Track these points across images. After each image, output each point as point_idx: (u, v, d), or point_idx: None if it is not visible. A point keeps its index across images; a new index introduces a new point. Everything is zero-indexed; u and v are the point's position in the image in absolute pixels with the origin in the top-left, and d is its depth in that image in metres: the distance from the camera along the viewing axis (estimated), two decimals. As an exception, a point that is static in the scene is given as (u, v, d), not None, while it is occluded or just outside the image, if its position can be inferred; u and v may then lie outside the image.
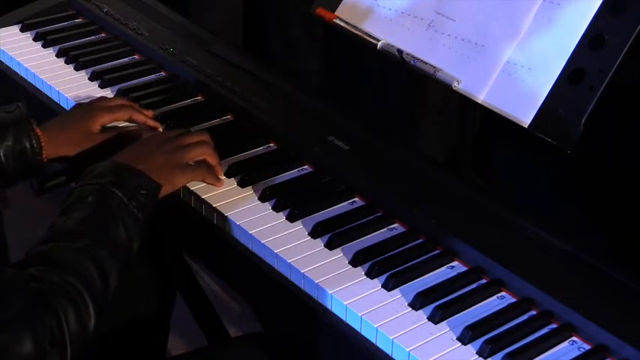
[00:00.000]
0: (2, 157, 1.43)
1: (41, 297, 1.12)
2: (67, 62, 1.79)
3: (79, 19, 1.94)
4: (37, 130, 1.46)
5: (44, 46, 1.83)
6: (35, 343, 1.08)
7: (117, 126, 1.57)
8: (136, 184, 1.30)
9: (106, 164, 1.33)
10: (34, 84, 1.75)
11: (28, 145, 1.44)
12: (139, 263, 1.58)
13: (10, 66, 1.80)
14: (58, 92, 1.69)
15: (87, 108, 1.56)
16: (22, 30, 1.88)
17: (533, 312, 1.22)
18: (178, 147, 1.42)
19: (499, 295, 1.25)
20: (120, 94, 1.69)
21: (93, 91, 1.70)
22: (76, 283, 1.16)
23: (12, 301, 1.10)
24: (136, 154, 1.37)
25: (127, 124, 1.57)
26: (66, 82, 1.72)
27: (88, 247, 1.21)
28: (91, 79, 1.74)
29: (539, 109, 1.37)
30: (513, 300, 1.24)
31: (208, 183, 1.44)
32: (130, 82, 1.73)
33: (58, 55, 1.81)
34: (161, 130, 1.58)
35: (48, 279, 1.15)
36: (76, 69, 1.77)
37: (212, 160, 1.45)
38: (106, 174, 1.30)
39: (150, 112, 1.61)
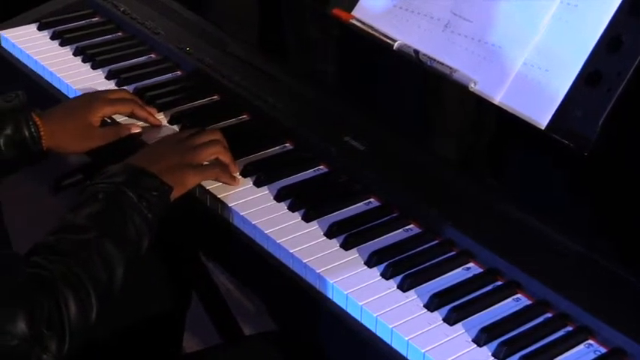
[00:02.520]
0: (2, 146, 1.45)
1: (41, 282, 1.14)
2: (83, 61, 1.79)
3: (96, 18, 1.94)
4: (37, 119, 1.47)
5: (61, 44, 1.84)
6: (30, 323, 1.09)
7: (117, 121, 1.58)
8: (148, 185, 1.31)
9: (119, 165, 1.34)
10: (50, 82, 1.75)
11: (27, 133, 1.46)
12: (155, 262, 1.58)
13: (27, 64, 1.80)
14: (75, 91, 1.70)
15: (88, 99, 1.57)
16: (39, 29, 1.89)
17: (549, 314, 1.22)
18: (190, 147, 1.42)
19: (515, 297, 1.25)
20: (136, 92, 1.69)
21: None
22: (80, 272, 1.17)
23: (10, 281, 1.11)
24: (148, 156, 1.38)
25: (130, 120, 1.58)
26: (83, 81, 1.72)
27: (95, 240, 1.22)
28: (108, 77, 1.74)
29: (556, 110, 1.36)
30: (529, 302, 1.24)
31: (223, 182, 1.44)
32: (146, 81, 1.73)
33: (75, 54, 1.81)
34: (165, 126, 1.59)
35: (50, 266, 1.16)
36: (93, 67, 1.77)
37: (225, 158, 1.45)
38: (119, 174, 1.32)
39: (153, 110, 1.61)
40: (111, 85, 1.72)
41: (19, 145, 1.46)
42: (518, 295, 1.25)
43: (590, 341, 1.19)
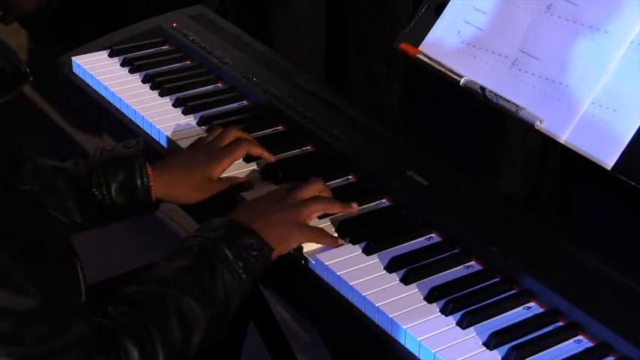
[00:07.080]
0: (113, 192, 1.45)
1: (107, 334, 1.13)
2: (152, 88, 1.82)
3: (166, 47, 1.97)
4: (149, 170, 1.46)
5: (131, 71, 1.87)
6: None
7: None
8: (247, 244, 1.29)
9: (222, 219, 1.33)
10: (119, 108, 1.78)
11: (139, 182, 1.45)
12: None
13: (98, 90, 1.84)
14: (143, 117, 1.72)
15: (209, 153, 1.52)
16: (111, 55, 1.92)
17: (611, 357, 1.20)
18: (295, 203, 1.38)
19: (576, 338, 1.23)
20: (202, 121, 1.71)
21: (177, 117, 1.73)
22: (151, 329, 1.16)
23: (75, 329, 1.09)
24: (252, 212, 1.36)
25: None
26: (150, 108, 1.75)
27: (176, 297, 1.20)
28: (175, 105, 1.76)
29: (623, 151, 1.35)
30: (590, 345, 1.22)
31: (325, 244, 1.38)
32: (212, 110, 1.75)
33: (143, 81, 1.84)
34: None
35: (121, 319, 1.16)
36: (161, 95, 1.80)
37: (334, 211, 1.42)
38: (219, 229, 1.30)
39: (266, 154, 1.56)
40: (178, 112, 1.74)
41: (130, 192, 1.45)
42: (580, 337, 1.23)
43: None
